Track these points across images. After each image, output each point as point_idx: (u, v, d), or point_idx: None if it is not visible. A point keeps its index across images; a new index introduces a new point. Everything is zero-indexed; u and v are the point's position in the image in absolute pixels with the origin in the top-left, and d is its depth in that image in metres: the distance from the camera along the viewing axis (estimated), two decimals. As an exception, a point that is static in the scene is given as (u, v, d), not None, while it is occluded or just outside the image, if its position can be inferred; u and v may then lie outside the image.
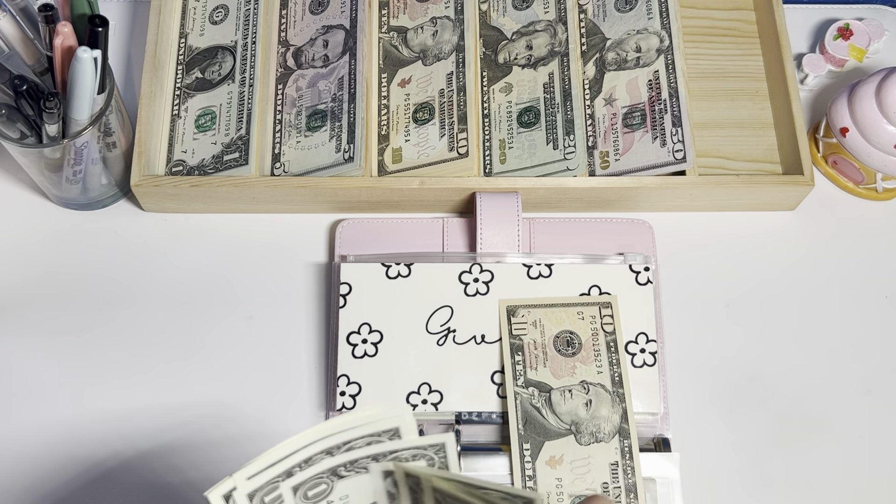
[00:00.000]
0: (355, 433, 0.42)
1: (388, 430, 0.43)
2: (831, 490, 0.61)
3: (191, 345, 0.63)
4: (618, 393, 0.59)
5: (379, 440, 0.43)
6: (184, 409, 0.62)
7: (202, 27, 0.70)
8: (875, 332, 0.65)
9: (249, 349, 0.63)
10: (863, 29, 0.72)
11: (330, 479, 0.44)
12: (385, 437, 0.43)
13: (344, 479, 0.44)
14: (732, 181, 0.64)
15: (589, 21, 0.69)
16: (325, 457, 0.42)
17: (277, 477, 0.42)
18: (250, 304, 0.64)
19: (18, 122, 0.59)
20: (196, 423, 0.61)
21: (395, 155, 0.66)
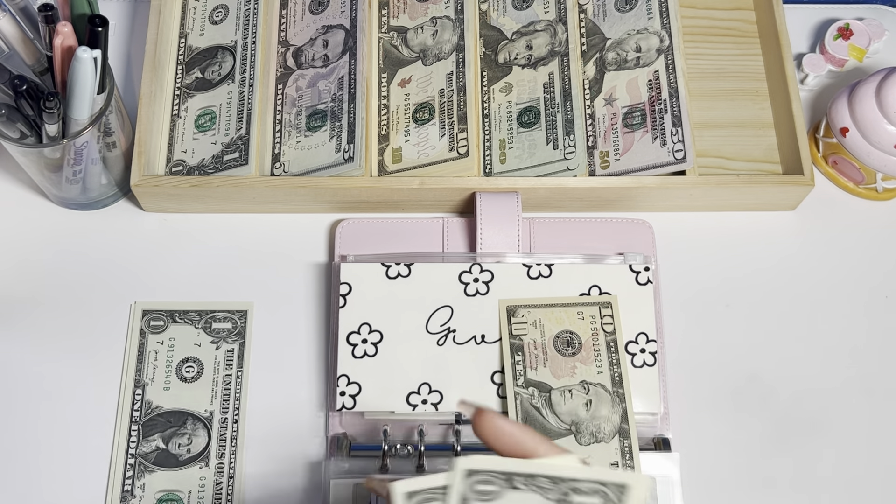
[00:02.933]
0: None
1: (241, 311, 0.59)
2: (831, 490, 0.61)
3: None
4: (618, 393, 0.59)
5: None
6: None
7: (202, 27, 0.70)
8: (875, 332, 0.65)
9: (248, 349, 0.63)
10: (863, 29, 0.72)
11: (166, 318, 0.59)
12: (236, 316, 0.61)
13: (177, 323, 0.59)
14: (732, 181, 0.64)
15: (589, 21, 0.69)
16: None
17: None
18: (250, 303, 0.64)
19: (18, 122, 0.59)
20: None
21: (395, 155, 0.66)
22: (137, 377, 0.59)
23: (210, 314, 0.60)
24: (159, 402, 0.59)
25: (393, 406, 0.59)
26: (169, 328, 0.60)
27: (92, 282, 0.65)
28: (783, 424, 0.62)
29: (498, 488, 0.41)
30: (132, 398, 0.59)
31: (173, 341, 0.60)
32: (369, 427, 0.60)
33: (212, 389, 0.59)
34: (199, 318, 0.60)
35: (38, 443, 0.61)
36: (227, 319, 0.60)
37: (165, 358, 0.60)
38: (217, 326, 0.60)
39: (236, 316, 0.61)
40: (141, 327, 0.60)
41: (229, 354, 0.60)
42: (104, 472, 0.59)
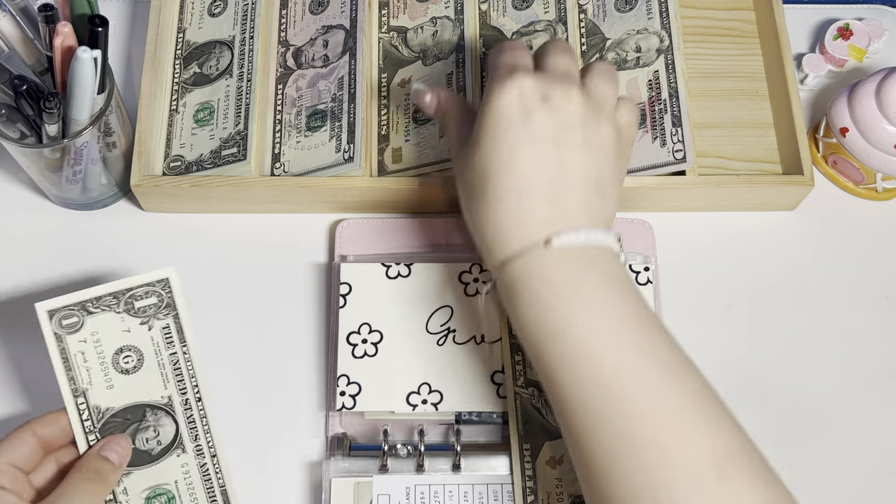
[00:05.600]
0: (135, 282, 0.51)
1: (161, 281, 0.52)
2: (831, 490, 0.61)
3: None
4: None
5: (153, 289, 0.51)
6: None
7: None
8: (875, 332, 0.65)
9: (249, 349, 0.63)
10: (863, 29, 0.72)
11: (80, 312, 0.51)
12: (158, 287, 0.52)
13: (93, 315, 0.51)
14: (732, 181, 0.64)
15: (589, 21, 0.69)
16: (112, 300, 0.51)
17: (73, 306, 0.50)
18: (250, 303, 0.64)
19: (18, 122, 0.59)
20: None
21: (395, 155, 0.66)
22: (73, 386, 0.52)
23: (128, 293, 0.51)
24: (109, 404, 0.53)
25: (393, 406, 0.59)
26: (86, 322, 0.51)
27: (92, 282, 0.65)
28: (783, 424, 0.62)
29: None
30: (77, 410, 0.52)
31: (97, 335, 0.52)
32: (369, 427, 0.60)
33: (161, 374, 0.53)
34: (115, 301, 0.52)
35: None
36: (149, 294, 0.52)
37: (96, 356, 0.52)
38: (141, 304, 0.52)
39: (158, 287, 0.52)
40: (54, 331, 0.51)
41: (166, 331, 0.53)
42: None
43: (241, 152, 0.64)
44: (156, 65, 0.67)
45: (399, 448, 0.58)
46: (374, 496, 0.57)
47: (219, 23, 0.69)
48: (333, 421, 0.60)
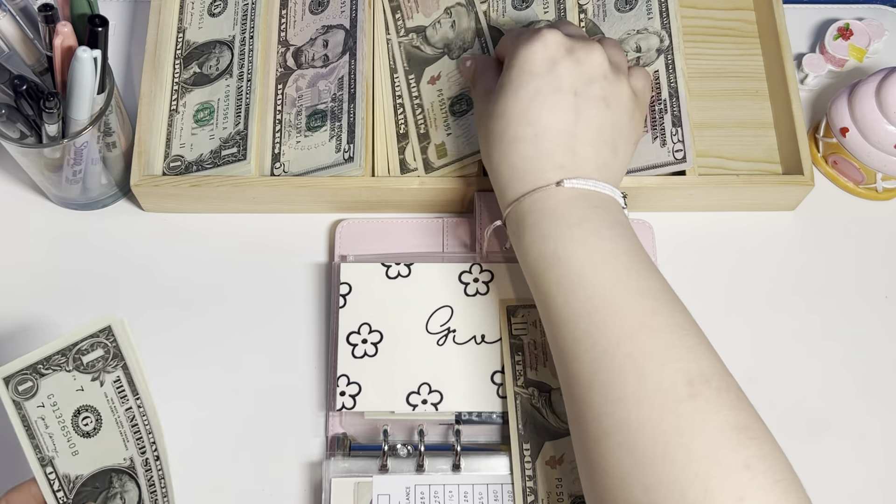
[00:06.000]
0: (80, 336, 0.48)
1: (104, 330, 0.48)
2: (831, 490, 0.61)
3: (190, 345, 0.63)
4: None
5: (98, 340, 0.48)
6: (182, 410, 0.62)
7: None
8: (875, 332, 0.65)
9: (249, 349, 0.63)
10: (863, 29, 0.72)
11: (33, 376, 0.48)
12: (102, 337, 0.48)
13: (45, 377, 0.48)
14: (732, 181, 0.64)
15: (589, 21, 0.69)
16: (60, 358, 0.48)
17: (26, 370, 0.47)
18: (250, 303, 0.64)
19: (18, 122, 0.59)
20: (195, 423, 0.61)
21: (439, 151, 0.65)
22: (39, 455, 0.48)
23: (74, 349, 0.48)
24: (77, 471, 0.49)
25: (393, 406, 0.59)
26: (41, 386, 0.48)
27: (92, 282, 0.65)
28: (783, 424, 0.62)
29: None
30: (47, 481, 0.49)
31: (53, 398, 0.48)
32: (369, 427, 0.60)
33: (120, 433, 0.50)
34: (64, 359, 0.48)
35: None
36: (95, 346, 0.49)
37: (56, 420, 0.49)
38: (88, 359, 0.49)
39: (102, 336, 0.49)
40: (12, 398, 0.48)
41: (118, 385, 0.49)
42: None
43: (241, 152, 0.64)
44: (156, 65, 0.67)
45: (399, 448, 0.58)
46: (374, 496, 0.57)
47: (219, 23, 0.69)
48: (333, 421, 0.60)
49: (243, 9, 0.69)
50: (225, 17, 0.69)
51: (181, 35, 0.70)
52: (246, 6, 0.69)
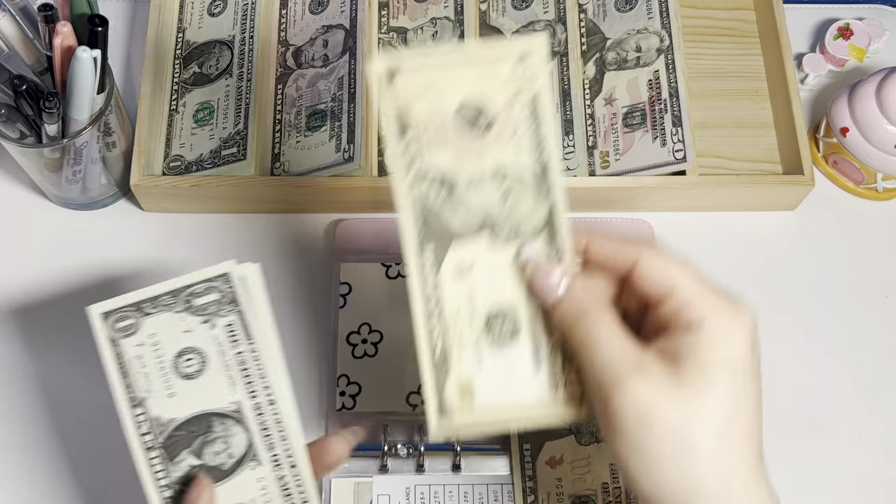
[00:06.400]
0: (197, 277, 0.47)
1: (221, 276, 0.47)
2: (831, 490, 0.61)
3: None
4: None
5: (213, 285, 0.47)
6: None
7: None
8: (875, 332, 0.65)
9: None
10: (863, 29, 0.72)
11: (135, 314, 0.46)
12: (218, 282, 0.47)
13: (149, 315, 0.46)
14: (732, 181, 0.64)
15: (589, 21, 0.69)
16: (170, 299, 0.47)
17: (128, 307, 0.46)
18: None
19: (18, 122, 0.59)
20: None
21: None
22: (131, 395, 0.47)
23: (186, 290, 0.47)
24: (171, 414, 0.47)
25: (393, 406, 0.59)
26: (143, 324, 0.47)
27: (92, 282, 0.65)
28: (783, 424, 0.62)
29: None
30: (135, 423, 0.47)
31: (155, 338, 0.47)
32: (369, 427, 0.60)
33: (227, 376, 0.48)
34: (174, 300, 0.47)
35: (43, 464, 0.61)
36: (210, 290, 0.47)
37: (155, 360, 0.47)
38: (200, 302, 0.47)
39: (218, 282, 0.47)
40: (109, 335, 0.46)
41: (230, 329, 0.48)
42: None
43: (240, 152, 0.64)
44: (155, 64, 0.67)
45: (399, 448, 0.58)
46: (374, 496, 0.57)
47: (219, 22, 0.69)
48: (333, 421, 0.60)
49: (243, 9, 0.69)
50: (225, 17, 0.69)
51: (181, 35, 0.70)
52: (246, 6, 0.69)
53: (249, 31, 0.68)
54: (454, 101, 0.40)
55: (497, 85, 0.40)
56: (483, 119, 0.40)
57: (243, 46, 0.68)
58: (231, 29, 0.69)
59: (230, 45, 0.68)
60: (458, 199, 0.41)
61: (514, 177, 0.42)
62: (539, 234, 0.41)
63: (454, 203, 0.42)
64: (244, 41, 0.68)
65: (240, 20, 0.69)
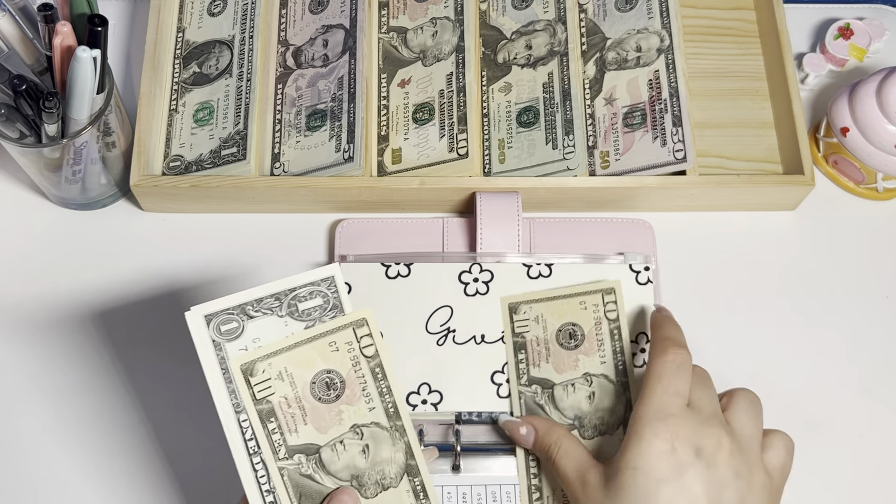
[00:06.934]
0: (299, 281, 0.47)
1: (326, 279, 0.47)
2: (831, 490, 0.61)
3: (190, 345, 0.63)
4: (622, 382, 0.58)
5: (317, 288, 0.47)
6: (183, 408, 0.62)
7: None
8: (875, 332, 0.65)
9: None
10: (863, 28, 0.72)
11: (240, 316, 0.45)
12: (323, 286, 0.47)
13: (253, 319, 0.45)
14: (733, 181, 0.64)
15: (589, 20, 0.69)
16: (274, 301, 0.46)
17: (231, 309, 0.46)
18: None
19: (18, 122, 0.59)
20: (195, 422, 0.61)
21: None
22: (234, 401, 0.46)
23: (291, 294, 0.46)
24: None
25: (393, 406, 0.59)
26: (246, 327, 0.46)
27: (91, 282, 0.65)
28: (783, 424, 0.62)
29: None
30: (240, 428, 0.46)
31: (258, 342, 0.46)
32: (369, 427, 0.60)
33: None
34: (278, 303, 0.46)
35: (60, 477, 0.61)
36: (314, 294, 0.47)
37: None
38: (304, 307, 0.47)
39: (323, 286, 0.47)
40: (211, 338, 0.45)
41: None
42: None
43: (240, 152, 0.64)
44: (155, 64, 0.67)
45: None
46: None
47: (218, 22, 0.69)
48: (333, 421, 0.60)
49: (243, 8, 0.69)
50: (224, 17, 0.69)
51: (181, 35, 0.70)
52: (245, 6, 0.69)
53: (249, 30, 0.68)
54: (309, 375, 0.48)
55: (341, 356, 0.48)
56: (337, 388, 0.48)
57: (243, 46, 0.68)
58: (231, 29, 0.69)
59: (230, 44, 0.68)
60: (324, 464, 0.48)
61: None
62: (401, 478, 0.49)
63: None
64: (244, 41, 0.68)
65: (240, 20, 0.69)
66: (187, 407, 0.62)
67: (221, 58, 0.68)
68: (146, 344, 0.63)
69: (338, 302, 0.47)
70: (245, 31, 0.68)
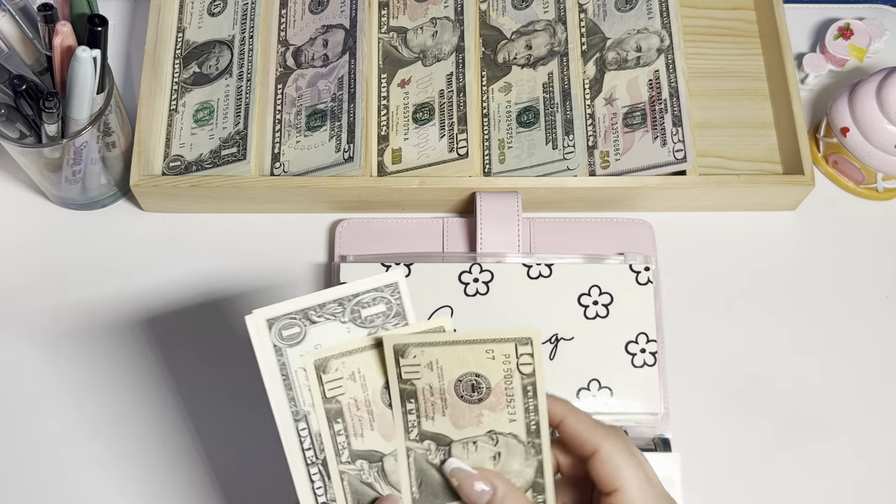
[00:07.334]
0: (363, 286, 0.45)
1: (390, 286, 0.45)
2: (832, 490, 0.61)
3: (190, 345, 0.63)
4: (533, 444, 0.47)
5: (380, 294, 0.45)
6: (183, 408, 0.62)
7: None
8: (875, 332, 0.65)
9: (248, 348, 0.63)
10: (863, 28, 0.72)
11: (302, 321, 0.44)
12: (387, 292, 0.45)
13: (316, 324, 0.44)
14: (733, 181, 0.64)
15: (589, 20, 0.69)
16: (337, 306, 0.45)
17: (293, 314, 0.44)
18: (250, 303, 0.64)
19: (18, 122, 0.59)
20: (195, 423, 0.61)
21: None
22: (294, 409, 0.44)
23: (354, 300, 0.45)
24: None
25: (393, 406, 0.59)
26: (308, 333, 0.44)
27: (91, 282, 0.65)
28: (783, 424, 0.62)
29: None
30: (298, 437, 0.45)
31: (320, 348, 0.44)
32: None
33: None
34: (341, 308, 0.44)
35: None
36: (377, 301, 0.45)
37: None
38: (368, 313, 0.45)
39: (387, 292, 0.45)
40: (273, 343, 0.44)
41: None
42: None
43: (240, 152, 0.64)
44: (155, 64, 0.67)
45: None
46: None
47: (218, 22, 0.69)
48: (333, 421, 0.60)
49: (243, 8, 0.69)
50: (224, 17, 0.69)
51: (181, 35, 0.70)
52: (245, 6, 0.69)
53: (249, 30, 0.68)
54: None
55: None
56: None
57: (243, 46, 0.68)
58: (231, 29, 0.69)
59: (230, 44, 0.68)
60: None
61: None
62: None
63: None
64: (244, 41, 0.68)
65: (240, 20, 0.69)
66: (195, 407, 0.62)
67: (221, 58, 0.68)
68: (146, 343, 0.63)
69: (401, 309, 0.45)
70: (245, 31, 0.68)
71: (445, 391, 0.47)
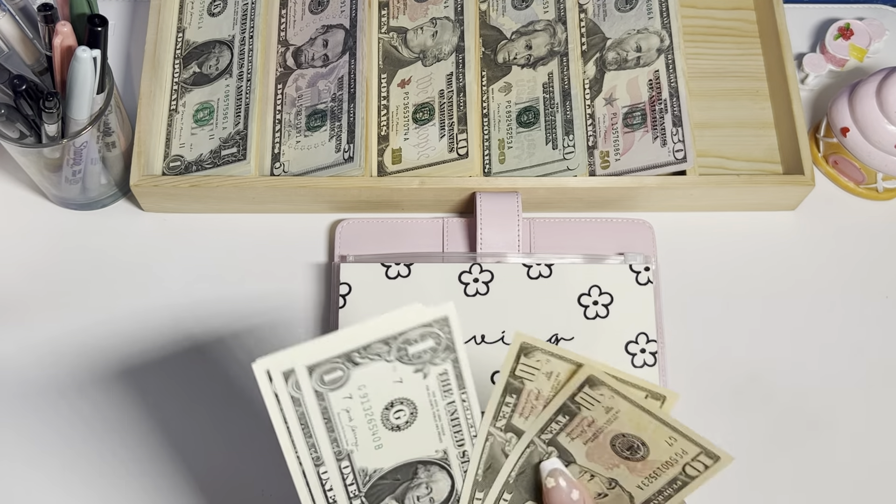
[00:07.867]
0: (408, 324, 0.42)
1: (439, 320, 0.42)
2: (832, 490, 0.61)
3: (190, 344, 0.63)
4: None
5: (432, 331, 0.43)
6: (183, 409, 0.62)
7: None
8: (875, 332, 0.65)
9: (248, 349, 0.63)
10: (863, 28, 0.72)
11: (345, 364, 0.41)
12: (436, 327, 0.42)
13: (360, 366, 0.41)
14: (733, 181, 0.64)
15: (589, 20, 0.69)
16: (382, 346, 0.42)
17: (337, 358, 0.41)
18: (250, 303, 0.64)
19: (18, 122, 0.59)
20: (195, 423, 0.61)
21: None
22: (337, 449, 0.43)
23: (401, 337, 0.42)
24: (377, 465, 0.44)
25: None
26: (352, 376, 0.42)
27: (91, 282, 0.65)
28: (784, 424, 0.62)
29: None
30: (341, 475, 0.44)
31: (364, 390, 0.42)
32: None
33: (436, 426, 0.45)
34: (386, 348, 0.42)
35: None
36: (426, 337, 0.43)
37: (363, 413, 0.43)
38: (415, 350, 0.43)
39: (436, 327, 0.42)
40: (314, 389, 0.42)
41: (443, 378, 0.44)
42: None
43: (240, 152, 0.64)
44: (155, 64, 0.67)
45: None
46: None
47: (218, 22, 0.69)
48: (333, 421, 0.60)
49: (243, 8, 0.69)
50: (224, 17, 0.69)
51: (181, 35, 0.70)
52: (246, 6, 0.69)
53: (249, 30, 0.68)
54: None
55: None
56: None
57: (243, 46, 0.68)
58: (231, 29, 0.69)
59: (230, 44, 0.68)
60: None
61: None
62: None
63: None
64: (244, 41, 0.68)
65: (240, 20, 0.69)
66: (193, 412, 0.62)
67: (221, 58, 0.68)
68: (146, 343, 0.63)
69: (450, 342, 0.43)
70: (245, 31, 0.68)
71: (601, 432, 0.46)
